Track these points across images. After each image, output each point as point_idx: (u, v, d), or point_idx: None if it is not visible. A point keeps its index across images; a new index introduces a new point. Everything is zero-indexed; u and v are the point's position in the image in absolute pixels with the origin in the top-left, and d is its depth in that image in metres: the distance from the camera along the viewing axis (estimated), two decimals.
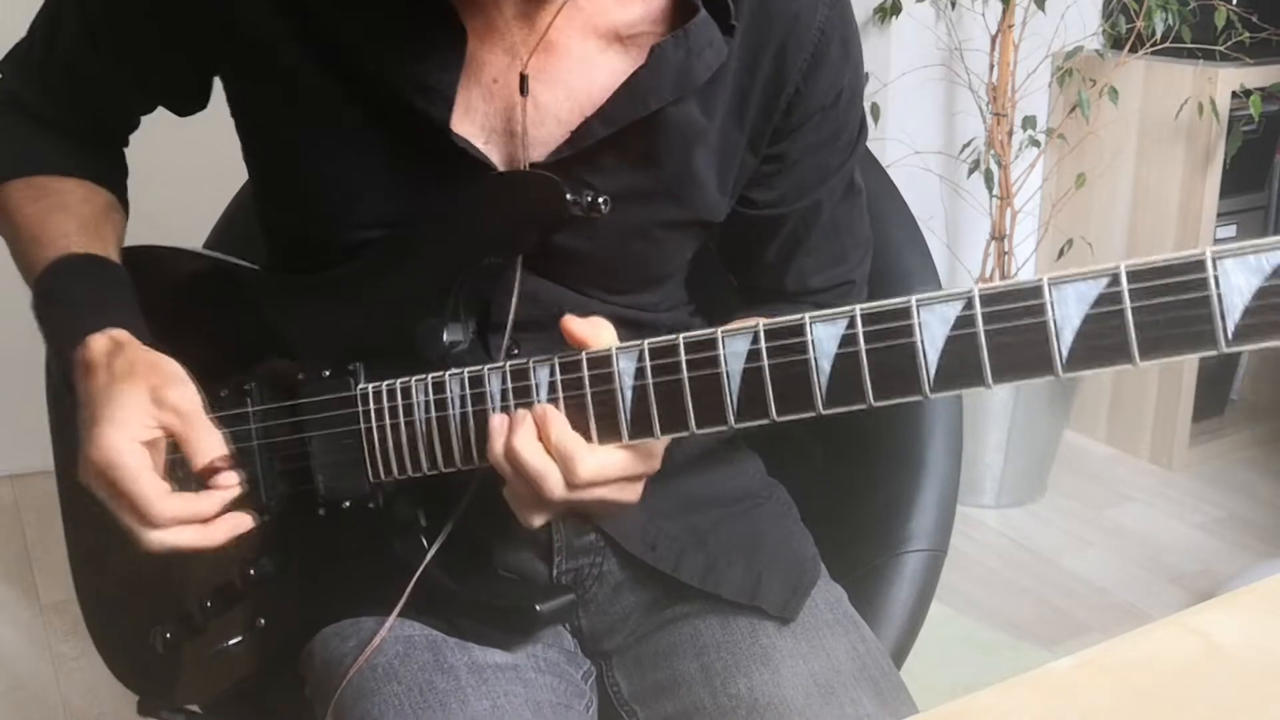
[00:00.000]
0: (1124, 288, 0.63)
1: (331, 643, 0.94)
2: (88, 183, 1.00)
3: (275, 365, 0.93)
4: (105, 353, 0.86)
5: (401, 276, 0.90)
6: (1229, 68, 2.53)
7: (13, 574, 2.37)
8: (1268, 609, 0.78)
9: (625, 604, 1.00)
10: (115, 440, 0.82)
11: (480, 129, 0.89)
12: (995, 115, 2.51)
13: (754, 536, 1.01)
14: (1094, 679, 0.70)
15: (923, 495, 1.16)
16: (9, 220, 0.97)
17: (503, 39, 0.88)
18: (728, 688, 0.92)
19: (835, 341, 0.70)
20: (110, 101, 1.01)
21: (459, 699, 0.87)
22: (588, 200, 0.85)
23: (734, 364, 0.73)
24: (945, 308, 0.67)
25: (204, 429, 0.84)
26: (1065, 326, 0.64)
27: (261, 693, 1.00)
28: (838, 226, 1.01)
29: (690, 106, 0.89)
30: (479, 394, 0.82)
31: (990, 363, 0.66)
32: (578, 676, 0.97)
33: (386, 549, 0.90)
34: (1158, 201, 2.71)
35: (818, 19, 0.92)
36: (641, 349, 0.76)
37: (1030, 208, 2.76)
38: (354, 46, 0.87)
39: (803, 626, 0.96)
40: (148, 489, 0.82)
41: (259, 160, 0.97)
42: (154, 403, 0.84)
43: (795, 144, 0.96)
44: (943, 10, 2.61)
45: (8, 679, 2.07)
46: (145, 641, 1.00)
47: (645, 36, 0.89)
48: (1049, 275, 0.65)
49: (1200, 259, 0.61)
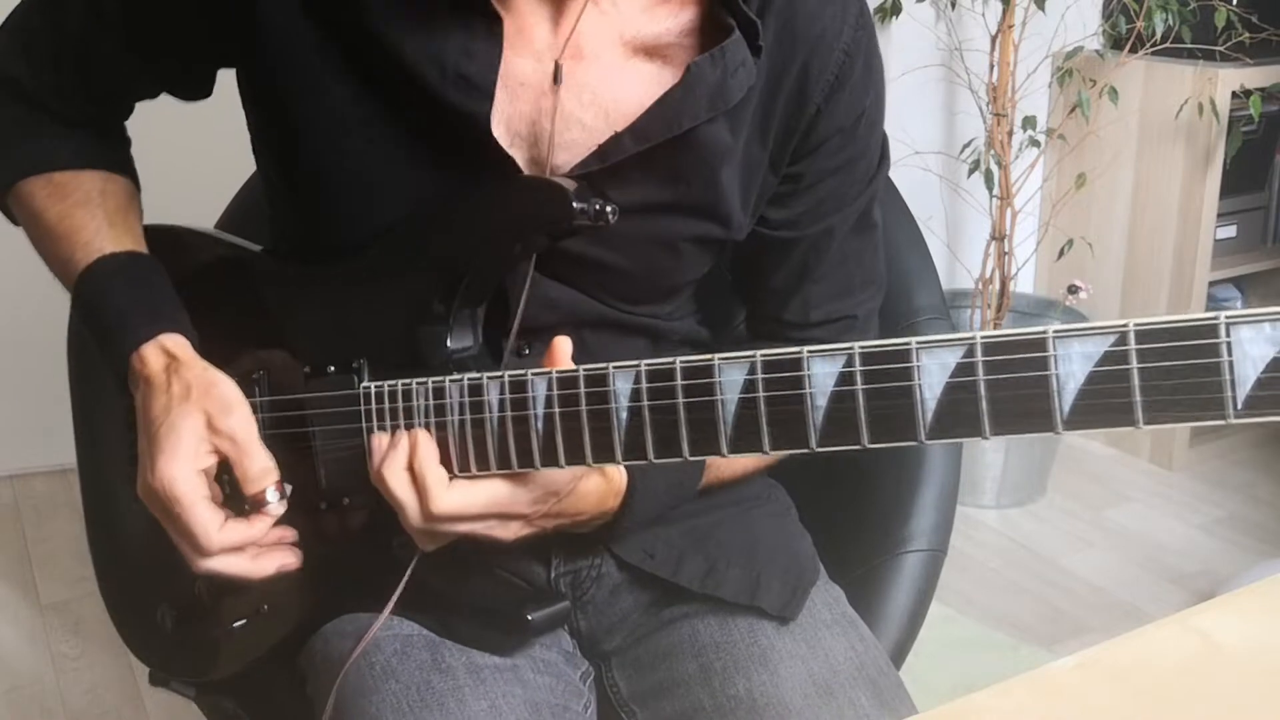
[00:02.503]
0: (1131, 347, 0.60)
1: (332, 640, 0.95)
2: (104, 172, 0.99)
3: (282, 357, 0.94)
4: (162, 369, 0.88)
5: (408, 275, 0.89)
6: (1229, 68, 2.53)
7: (13, 574, 2.37)
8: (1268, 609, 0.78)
9: (624, 605, 1.00)
10: (174, 471, 0.84)
11: (506, 131, 0.88)
12: (995, 115, 2.51)
13: (752, 537, 1.01)
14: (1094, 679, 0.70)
15: (922, 495, 1.16)
16: (35, 222, 0.97)
17: (531, 43, 0.87)
18: (727, 688, 0.92)
19: (833, 379, 0.69)
20: (119, 86, 0.99)
21: (457, 699, 0.87)
22: (596, 209, 0.84)
23: (730, 393, 0.72)
24: (946, 353, 0.65)
25: (256, 455, 0.86)
26: (1068, 382, 0.62)
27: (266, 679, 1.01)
28: (846, 258, 1.00)
29: (719, 125, 0.89)
30: (477, 402, 0.82)
31: (989, 414, 0.64)
32: (576, 677, 0.97)
33: (385, 547, 0.90)
34: (1158, 201, 2.71)
35: (843, 40, 0.92)
36: (639, 370, 0.75)
37: (1030, 208, 2.76)
38: (388, 39, 0.85)
39: (801, 627, 0.96)
40: (203, 519, 0.85)
41: (273, 152, 0.96)
42: (210, 430, 0.86)
43: (813, 165, 0.95)
44: (943, 10, 2.61)
45: (8, 679, 2.07)
46: (154, 617, 1.01)
47: (675, 50, 0.88)
48: (1054, 328, 0.62)
49: (1214, 323, 0.58)
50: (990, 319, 2.59)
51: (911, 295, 1.20)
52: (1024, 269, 2.85)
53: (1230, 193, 2.73)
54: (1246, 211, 2.84)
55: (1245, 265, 2.84)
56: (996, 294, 2.59)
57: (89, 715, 1.98)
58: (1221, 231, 2.75)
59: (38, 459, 2.72)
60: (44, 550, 2.45)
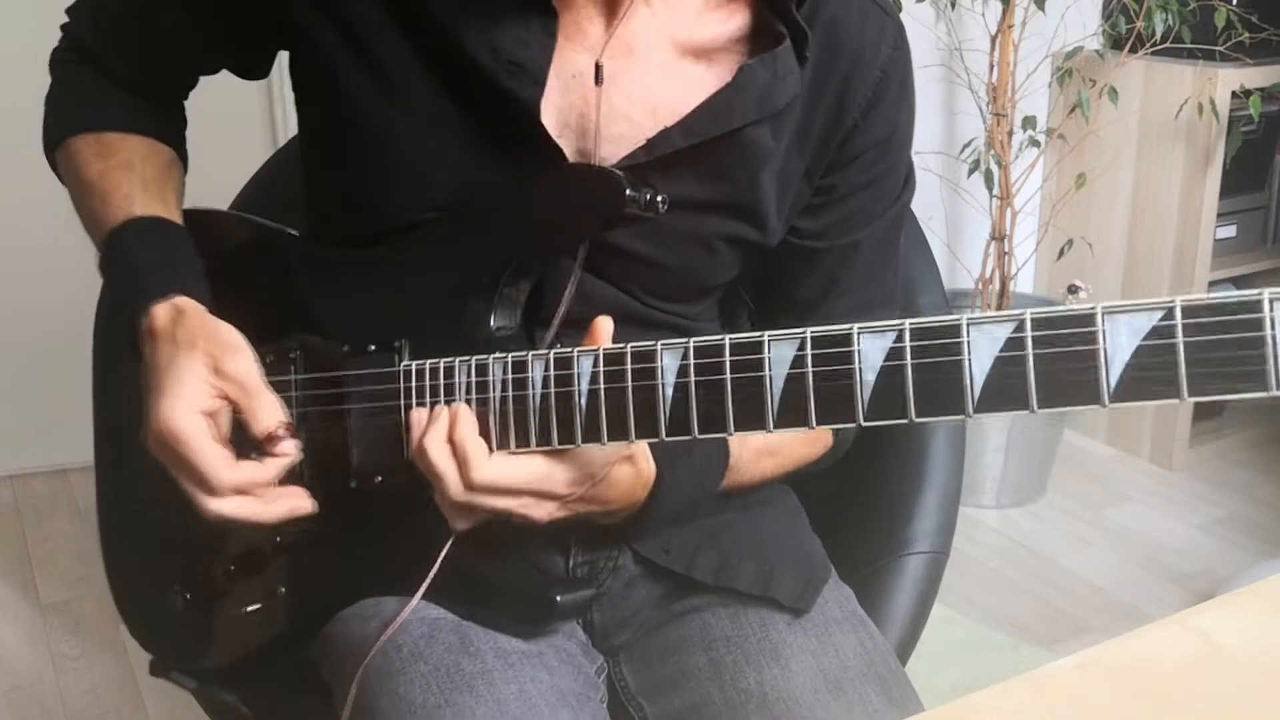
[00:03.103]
0: (1178, 321, 0.62)
1: (353, 624, 0.95)
2: (150, 139, 1.01)
3: (321, 335, 0.94)
4: (169, 321, 0.88)
5: (454, 258, 0.90)
6: (1229, 68, 2.53)
7: (13, 574, 2.37)
8: (1268, 609, 0.78)
9: (637, 598, 1.01)
10: (177, 411, 0.84)
11: (555, 122, 0.90)
12: (995, 115, 2.51)
13: (765, 536, 1.02)
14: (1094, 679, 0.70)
15: (925, 497, 1.16)
16: (76, 177, 0.99)
17: (586, 37, 0.90)
18: (737, 682, 0.93)
19: (882, 354, 0.69)
20: (181, 60, 1.02)
21: (486, 681, 0.87)
22: (646, 198, 0.85)
23: (778, 369, 0.73)
24: (995, 328, 0.66)
25: (263, 397, 0.86)
26: (1116, 356, 0.64)
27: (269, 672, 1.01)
28: (870, 276, 1.02)
29: (764, 129, 0.91)
30: (521, 379, 0.82)
31: (1037, 387, 0.65)
32: (592, 671, 0.98)
33: (413, 528, 0.90)
34: (1158, 201, 2.72)
35: (881, 57, 0.95)
36: (687, 347, 0.76)
37: (1030, 208, 2.76)
38: (445, 23, 0.88)
39: (812, 623, 0.97)
40: (209, 457, 0.84)
41: (322, 132, 0.97)
42: (214, 372, 0.86)
43: (846, 178, 0.97)
44: (943, 10, 2.61)
45: (8, 679, 2.07)
46: (164, 599, 1.01)
47: (725, 54, 0.91)
48: (1103, 304, 0.64)
49: (1257, 299, 0.60)
50: None
51: (914, 296, 1.20)
52: (1024, 269, 2.85)
53: (1230, 193, 2.73)
54: (1246, 211, 2.84)
55: (1245, 265, 2.84)
56: (996, 294, 2.59)
57: (89, 715, 1.98)
58: (1221, 231, 2.75)
59: (38, 459, 2.72)
60: (44, 550, 2.45)
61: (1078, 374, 0.64)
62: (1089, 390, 0.64)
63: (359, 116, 0.92)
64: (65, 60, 1.04)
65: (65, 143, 1.00)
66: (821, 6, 0.92)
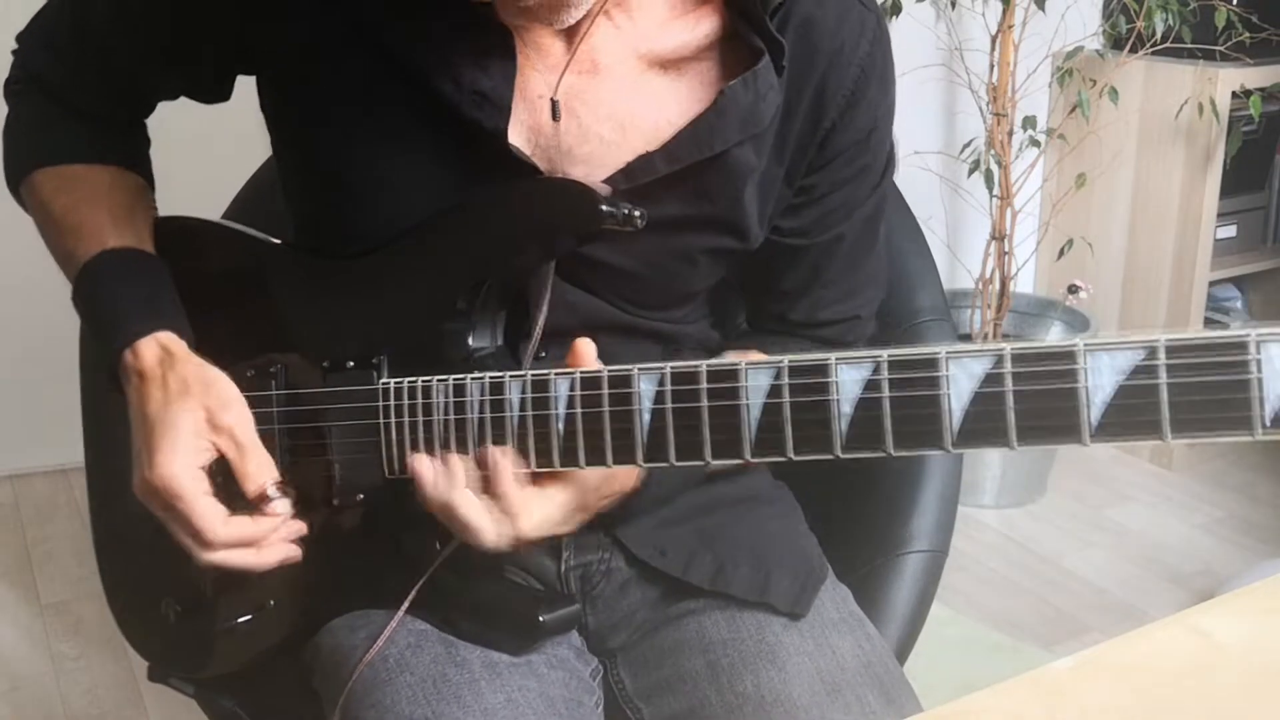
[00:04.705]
0: (1161, 361, 0.60)
1: (340, 634, 0.95)
2: (116, 168, 1.00)
3: (300, 351, 0.94)
4: (157, 363, 0.88)
5: (432, 272, 0.89)
6: (1229, 68, 2.53)
7: (13, 574, 2.37)
8: (1268, 609, 0.78)
9: (632, 600, 1.00)
10: (174, 466, 0.84)
11: (525, 142, 0.88)
12: (995, 115, 2.51)
13: (761, 536, 1.01)
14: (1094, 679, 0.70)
15: (923, 496, 1.16)
16: (43, 212, 0.98)
17: (548, 56, 0.88)
18: (734, 685, 0.92)
19: (859, 386, 0.68)
20: (139, 85, 1.00)
21: (473, 691, 0.87)
22: (624, 213, 0.84)
23: (755, 397, 0.72)
24: (974, 362, 0.65)
25: (257, 455, 0.87)
26: (1097, 394, 0.62)
27: (266, 677, 1.01)
28: (855, 262, 1.01)
29: (746, 148, 0.90)
30: (498, 401, 0.82)
31: (1016, 424, 0.64)
32: (586, 674, 0.97)
33: (396, 545, 0.90)
34: (1158, 201, 2.71)
35: (859, 55, 0.92)
36: (663, 373, 0.75)
37: (1030, 208, 2.76)
38: (405, 54, 0.86)
39: (809, 625, 0.97)
40: (206, 514, 0.85)
41: (293, 152, 0.96)
42: (209, 426, 0.86)
43: (826, 177, 0.96)
44: (943, 10, 2.61)
45: (8, 679, 2.07)
46: (157, 610, 1.01)
47: (695, 64, 0.89)
48: (1084, 340, 0.62)
49: (1243, 339, 0.59)
50: (990, 319, 2.60)
51: (913, 296, 1.20)
52: (1024, 269, 2.84)
53: (1230, 193, 2.73)
54: (1246, 211, 2.84)
55: (1245, 265, 2.84)
56: (996, 294, 2.59)
57: (89, 715, 1.98)
58: (1221, 231, 2.75)
59: (38, 459, 2.72)
60: (44, 550, 2.45)
61: (1058, 413, 0.63)
62: (1069, 429, 0.63)
63: (326, 141, 0.91)
64: (20, 92, 1.02)
65: (28, 178, 0.99)
66: (794, 9, 0.90)
